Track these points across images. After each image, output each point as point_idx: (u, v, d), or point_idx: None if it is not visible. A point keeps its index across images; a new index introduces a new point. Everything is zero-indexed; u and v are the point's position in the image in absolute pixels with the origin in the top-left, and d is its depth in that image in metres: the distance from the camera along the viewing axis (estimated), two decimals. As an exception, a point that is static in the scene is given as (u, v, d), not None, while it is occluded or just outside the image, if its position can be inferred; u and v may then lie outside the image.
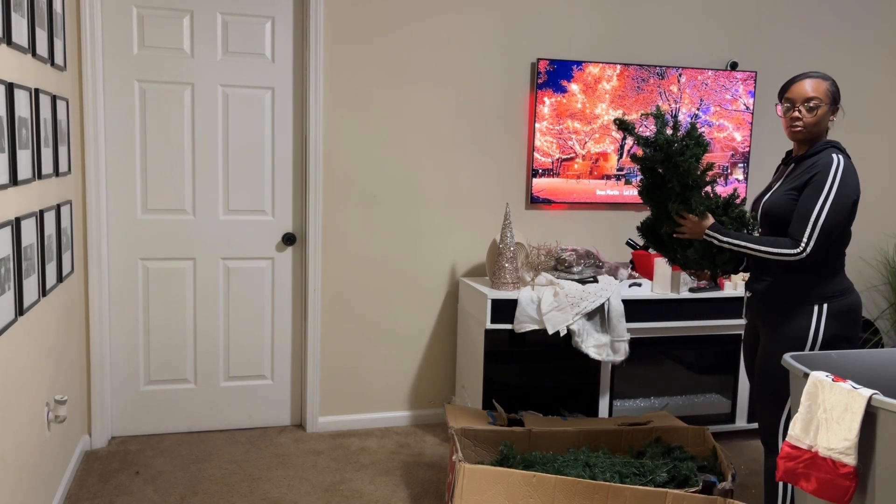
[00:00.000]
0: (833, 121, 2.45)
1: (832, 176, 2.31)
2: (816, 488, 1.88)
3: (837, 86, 2.47)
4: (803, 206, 2.33)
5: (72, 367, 3.16)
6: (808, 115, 2.42)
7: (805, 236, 2.30)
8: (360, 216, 3.67)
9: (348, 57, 3.55)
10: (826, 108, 2.42)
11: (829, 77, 2.46)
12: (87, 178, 3.29)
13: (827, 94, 2.42)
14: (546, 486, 2.48)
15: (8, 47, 2.18)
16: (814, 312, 2.36)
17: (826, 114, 2.43)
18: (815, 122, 2.42)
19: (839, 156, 2.35)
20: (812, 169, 2.36)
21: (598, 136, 3.87)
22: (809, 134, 2.44)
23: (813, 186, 2.33)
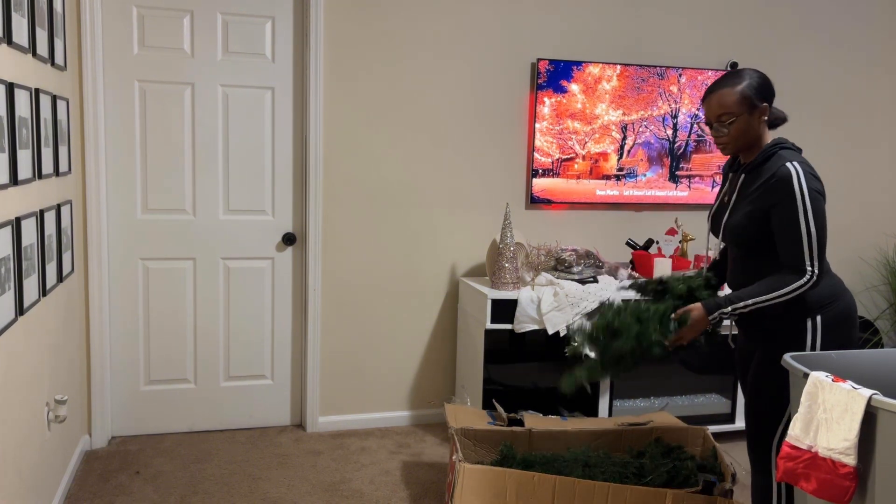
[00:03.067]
0: (765, 119, 2.24)
1: (798, 189, 2.13)
2: (816, 488, 1.88)
3: (757, 78, 2.22)
4: (788, 231, 2.15)
5: (72, 367, 3.16)
6: (726, 132, 2.24)
7: (807, 261, 2.14)
8: (360, 216, 3.67)
9: (348, 57, 3.55)
10: (744, 116, 2.21)
11: (743, 76, 2.22)
12: (87, 178, 3.29)
13: (738, 102, 2.20)
14: (546, 486, 2.48)
15: (8, 47, 2.18)
16: (808, 329, 2.22)
17: (748, 120, 2.22)
18: (739, 135, 2.23)
19: (793, 164, 2.16)
20: (771, 185, 2.17)
21: (598, 137, 3.87)
22: (741, 146, 2.28)
23: (785, 208, 2.14)
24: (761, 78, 2.25)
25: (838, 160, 4.37)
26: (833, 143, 4.34)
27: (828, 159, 4.35)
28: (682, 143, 4.00)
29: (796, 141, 4.44)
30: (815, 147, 4.32)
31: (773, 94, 2.28)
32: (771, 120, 2.31)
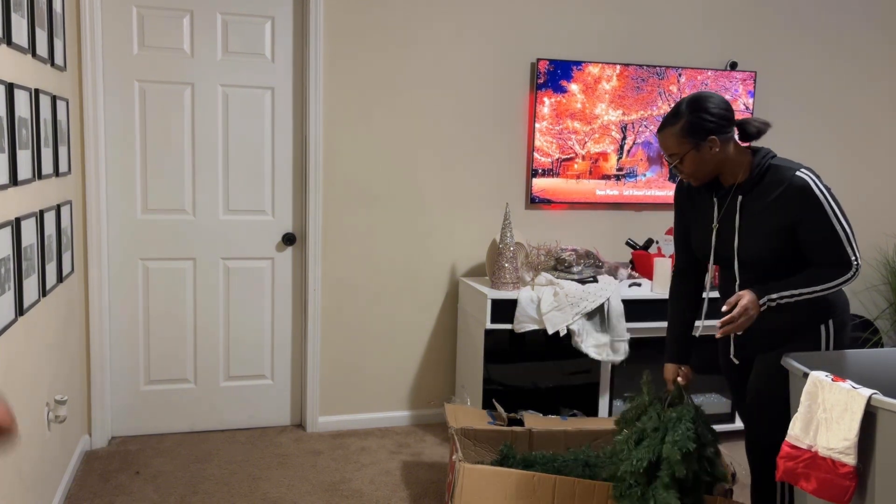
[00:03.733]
0: (718, 148, 2.15)
1: (821, 195, 2.11)
2: (816, 488, 1.88)
3: (697, 114, 2.13)
4: (825, 237, 2.11)
5: (72, 367, 3.16)
6: (679, 168, 2.21)
7: (852, 255, 2.12)
8: (360, 216, 3.67)
9: (348, 57, 3.55)
10: (690, 152, 2.15)
11: (680, 115, 2.15)
12: (87, 178, 3.29)
13: (682, 142, 2.15)
14: (546, 486, 2.48)
15: (8, 47, 2.18)
16: (822, 334, 2.23)
17: (697, 155, 2.16)
18: (695, 169, 2.18)
19: (802, 171, 2.14)
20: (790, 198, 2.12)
21: (597, 136, 3.87)
22: (703, 177, 2.22)
23: (817, 217, 2.10)
24: (705, 111, 2.15)
25: (838, 160, 4.37)
26: (833, 143, 4.34)
27: (828, 159, 4.35)
28: (681, 143, 3.99)
29: (797, 140, 4.46)
30: (815, 147, 4.33)
31: (723, 120, 2.16)
32: (745, 135, 2.22)
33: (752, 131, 2.21)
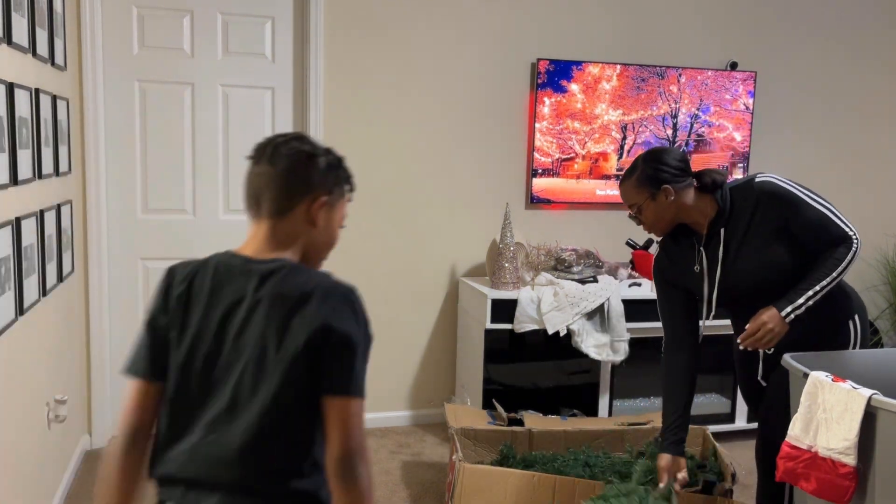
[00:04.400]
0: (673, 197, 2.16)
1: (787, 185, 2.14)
2: (816, 488, 1.88)
3: (651, 166, 2.17)
4: (813, 221, 2.12)
5: (72, 367, 3.16)
6: (640, 219, 2.25)
7: (847, 229, 2.12)
8: (360, 216, 3.67)
9: (348, 57, 3.55)
10: (648, 202, 2.19)
11: (636, 168, 2.21)
12: (87, 178, 3.29)
13: (639, 192, 2.19)
14: (546, 486, 2.48)
15: (8, 47, 2.18)
16: (851, 330, 2.25)
17: (654, 205, 2.19)
18: (658, 218, 2.21)
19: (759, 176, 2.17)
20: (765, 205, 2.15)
21: (597, 136, 3.87)
22: (662, 227, 2.24)
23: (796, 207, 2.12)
24: (658, 162, 2.19)
25: (838, 160, 4.37)
26: (833, 143, 4.34)
27: (827, 159, 4.35)
28: (681, 143, 3.99)
29: (796, 140, 4.46)
30: (815, 147, 4.33)
31: (677, 170, 2.19)
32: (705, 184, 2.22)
33: (707, 182, 2.22)
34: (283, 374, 1.22)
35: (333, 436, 1.22)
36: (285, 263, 1.31)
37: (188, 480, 1.26)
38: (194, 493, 1.25)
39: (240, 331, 1.27)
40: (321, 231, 1.38)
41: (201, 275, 1.32)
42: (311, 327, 1.23)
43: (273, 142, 1.36)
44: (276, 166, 1.33)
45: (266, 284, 1.27)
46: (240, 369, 1.25)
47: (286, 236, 1.34)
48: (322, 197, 1.35)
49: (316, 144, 1.38)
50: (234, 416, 1.24)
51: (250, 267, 1.30)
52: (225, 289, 1.29)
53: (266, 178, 1.33)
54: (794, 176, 4.49)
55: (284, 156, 1.34)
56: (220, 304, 1.29)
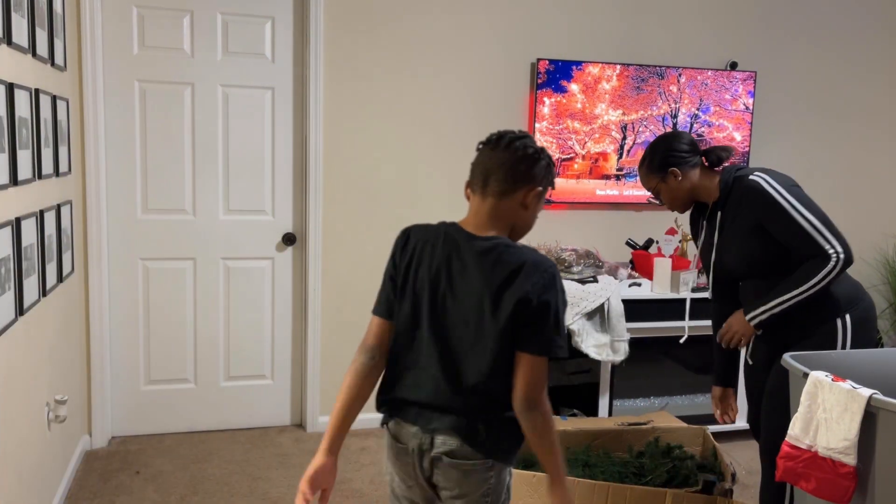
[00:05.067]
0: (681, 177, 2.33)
1: (773, 191, 2.20)
2: (816, 488, 1.88)
3: (653, 152, 2.36)
4: (791, 231, 2.18)
5: (72, 367, 3.16)
6: (660, 200, 2.43)
7: (827, 245, 2.15)
8: (360, 216, 3.67)
9: (348, 57, 3.55)
10: (665, 184, 2.36)
11: (645, 156, 2.38)
12: (87, 178, 3.29)
13: (654, 176, 2.36)
14: (545, 485, 2.48)
15: (8, 47, 2.18)
16: (839, 329, 2.25)
17: (667, 187, 2.36)
18: (673, 197, 2.39)
19: (755, 175, 2.25)
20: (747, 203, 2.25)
21: (597, 136, 3.87)
22: (680, 204, 2.42)
23: (775, 214, 2.19)
24: (661, 149, 2.36)
25: (838, 160, 4.37)
26: (833, 143, 4.34)
27: (827, 159, 4.35)
28: (681, 143, 3.99)
29: (796, 140, 4.46)
30: (815, 147, 4.33)
31: (680, 153, 2.35)
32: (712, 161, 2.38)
33: (713, 159, 2.39)
34: (499, 333, 1.56)
35: (521, 382, 1.56)
36: (501, 241, 1.62)
37: (421, 403, 1.62)
38: (428, 413, 1.61)
39: (463, 293, 1.60)
40: (529, 215, 1.70)
41: (432, 241, 1.66)
42: (517, 297, 1.54)
43: (508, 134, 1.66)
44: (509, 155, 1.63)
45: (486, 258, 1.59)
46: (462, 324, 1.60)
47: (503, 215, 1.65)
48: (537, 188, 1.66)
49: (539, 146, 1.68)
50: (462, 360, 1.59)
51: (473, 241, 1.61)
52: (451, 256, 1.62)
53: (497, 163, 1.64)
54: (795, 176, 4.47)
55: (517, 149, 1.64)
56: (445, 267, 1.62)
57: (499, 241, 1.61)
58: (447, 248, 1.63)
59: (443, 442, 1.60)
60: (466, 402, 1.59)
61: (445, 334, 1.61)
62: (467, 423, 1.59)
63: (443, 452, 1.60)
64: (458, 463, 1.60)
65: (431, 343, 1.62)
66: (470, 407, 1.59)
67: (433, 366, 1.61)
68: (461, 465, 1.60)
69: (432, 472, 1.64)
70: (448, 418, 1.60)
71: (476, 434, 1.59)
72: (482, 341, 1.58)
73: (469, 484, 1.61)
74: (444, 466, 1.61)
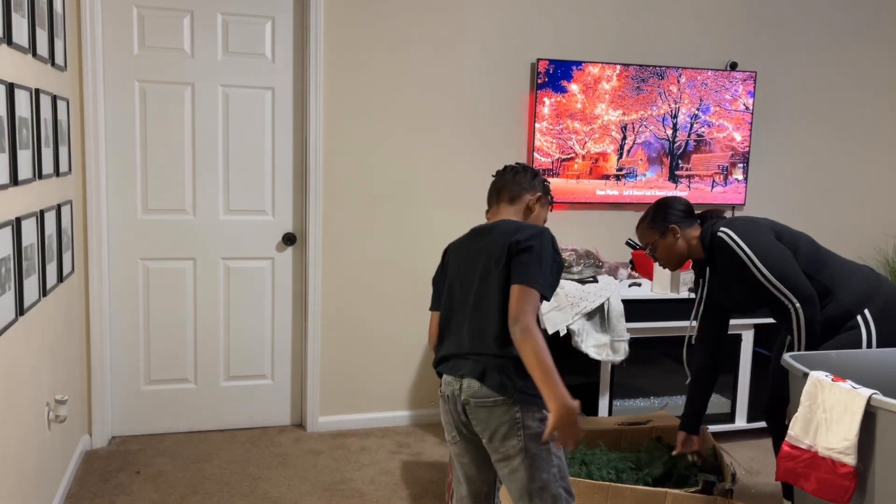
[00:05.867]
0: (679, 235, 2.52)
1: (737, 248, 2.39)
2: (816, 488, 1.88)
3: (657, 210, 2.55)
4: (761, 286, 2.38)
5: (72, 367, 3.16)
6: (655, 255, 2.59)
7: (785, 300, 2.35)
8: (360, 216, 3.67)
9: (348, 57, 3.55)
10: (661, 241, 2.54)
11: (647, 213, 2.57)
12: (87, 178, 3.29)
13: (651, 233, 2.55)
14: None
15: (8, 47, 2.18)
16: (860, 324, 2.38)
17: (665, 242, 2.54)
18: (669, 254, 2.56)
19: (720, 231, 2.42)
20: (724, 262, 2.44)
21: (597, 136, 3.87)
22: (674, 262, 2.58)
23: (739, 270, 2.39)
24: (665, 207, 2.56)
25: (838, 160, 4.37)
26: (833, 143, 4.34)
27: (827, 159, 4.35)
28: (681, 143, 4.00)
29: (797, 140, 4.45)
30: (815, 147, 4.33)
31: (681, 212, 2.55)
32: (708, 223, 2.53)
33: (706, 219, 2.58)
34: (501, 283, 1.90)
35: (511, 307, 1.84)
36: (508, 219, 2.06)
37: (455, 354, 1.98)
38: (455, 361, 1.97)
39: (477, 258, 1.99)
40: (535, 218, 2.13)
41: (460, 239, 2.11)
42: (508, 242, 1.91)
43: (509, 166, 2.19)
44: (511, 173, 2.15)
45: (496, 229, 2.01)
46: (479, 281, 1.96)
47: (513, 215, 2.10)
48: (537, 193, 2.13)
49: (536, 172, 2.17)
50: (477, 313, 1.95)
51: (489, 225, 2.06)
52: (472, 241, 2.06)
53: (505, 180, 2.14)
54: (795, 176, 4.47)
55: (516, 168, 2.16)
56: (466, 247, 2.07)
57: (507, 219, 2.05)
58: (469, 235, 2.08)
59: (468, 385, 1.91)
60: (482, 349, 1.91)
61: (466, 296, 1.98)
62: (483, 367, 1.89)
63: (469, 395, 1.90)
64: (481, 401, 1.89)
65: (459, 308, 2.00)
66: (484, 352, 1.90)
67: (460, 325, 1.98)
68: (484, 403, 1.89)
69: (468, 418, 1.94)
70: (469, 363, 1.92)
71: (488, 374, 1.88)
72: (491, 294, 1.92)
73: (496, 419, 1.88)
74: (472, 409, 1.92)
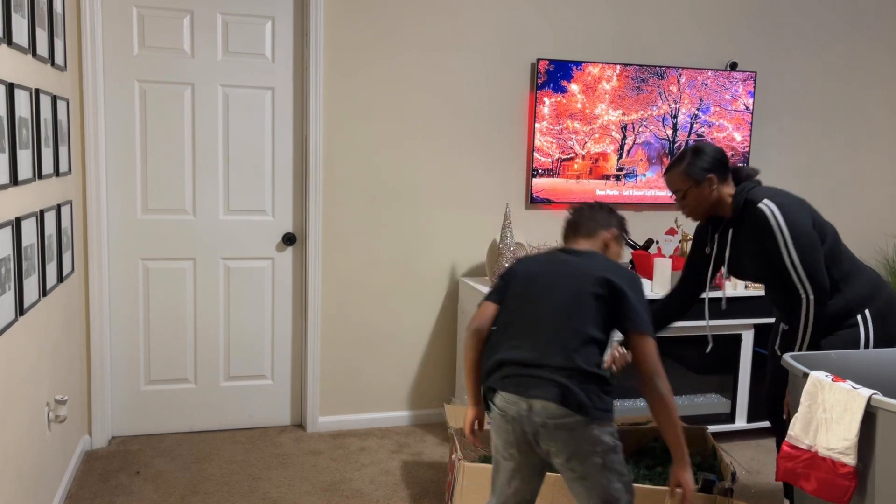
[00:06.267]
0: (715, 186, 2.44)
1: (776, 225, 2.34)
2: (816, 488, 1.88)
3: (700, 156, 2.44)
4: (781, 265, 2.36)
5: (72, 367, 3.16)
6: (683, 204, 2.51)
7: (799, 287, 2.34)
8: (360, 216, 3.67)
9: (348, 56, 3.55)
10: (692, 189, 2.45)
11: (685, 157, 2.46)
12: (87, 178, 3.29)
13: (684, 179, 2.45)
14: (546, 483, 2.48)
15: (8, 47, 2.18)
16: (859, 323, 2.39)
17: (698, 192, 2.45)
18: (696, 205, 2.48)
19: (764, 202, 2.37)
20: (755, 229, 2.39)
21: (597, 136, 3.87)
22: (701, 213, 2.52)
23: (771, 246, 2.36)
24: (705, 154, 2.46)
25: (838, 160, 4.37)
26: (833, 143, 4.34)
27: (827, 159, 4.35)
28: (681, 143, 4.00)
29: (797, 140, 4.45)
30: (815, 147, 4.33)
31: (719, 162, 2.47)
32: (737, 178, 2.50)
33: (742, 175, 2.52)
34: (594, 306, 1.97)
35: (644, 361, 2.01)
36: (597, 252, 2.14)
37: (520, 363, 1.95)
38: (523, 378, 1.92)
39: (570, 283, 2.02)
40: (611, 255, 2.19)
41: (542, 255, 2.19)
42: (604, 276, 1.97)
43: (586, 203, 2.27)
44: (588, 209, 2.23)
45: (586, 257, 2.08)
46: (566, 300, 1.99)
47: None
48: (613, 230, 2.20)
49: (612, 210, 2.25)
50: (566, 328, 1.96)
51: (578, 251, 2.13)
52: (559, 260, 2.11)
53: (582, 217, 2.22)
54: (795, 176, 4.48)
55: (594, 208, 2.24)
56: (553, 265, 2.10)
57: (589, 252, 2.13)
58: (554, 253, 2.16)
59: (543, 407, 1.87)
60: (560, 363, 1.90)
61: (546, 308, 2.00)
62: (562, 386, 1.87)
63: (546, 417, 1.86)
64: (560, 422, 1.86)
65: (533, 317, 2.00)
66: (563, 366, 1.90)
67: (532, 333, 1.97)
68: (564, 424, 1.86)
69: (536, 439, 1.91)
70: (542, 382, 1.89)
71: (569, 394, 1.86)
72: (581, 316, 1.96)
73: (575, 440, 1.87)
74: (549, 431, 1.88)
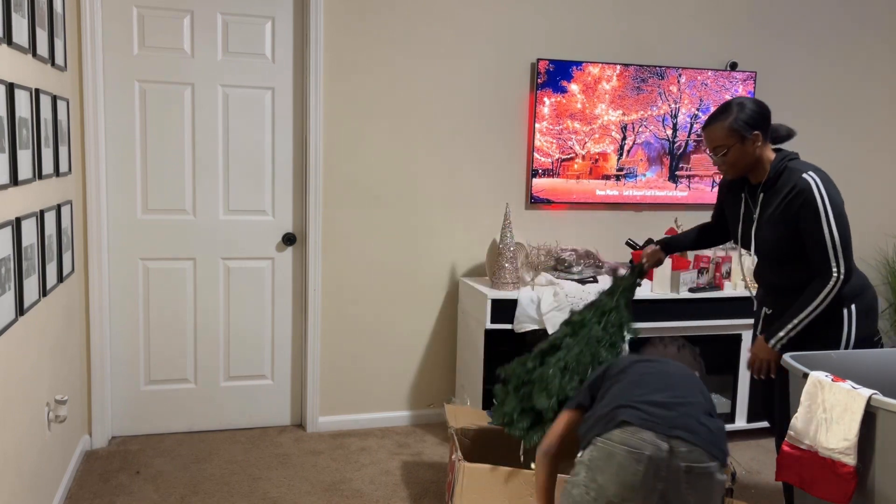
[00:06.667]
0: (758, 145, 2.40)
1: (819, 198, 2.31)
2: (816, 488, 1.88)
3: (746, 110, 2.38)
4: (815, 238, 2.32)
5: (72, 367, 3.16)
6: (723, 160, 2.44)
7: (833, 264, 2.30)
8: (360, 216, 3.67)
9: (348, 56, 3.55)
10: (736, 146, 2.39)
11: (731, 110, 2.39)
12: (87, 178, 3.29)
13: (728, 135, 2.38)
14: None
15: (8, 47, 2.18)
16: (844, 317, 2.38)
17: (741, 149, 2.39)
18: (735, 162, 2.42)
19: (809, 174, 2.35)
20: (793, 197, 2.35)
21: (597, 137, 3.87)
22: (739, 172, 2.46)
23: (810, 217, 2.32)
24: (750, 109, 2.40)
25: (838, 160, 4.36)
26: (833, 143, 4.34)
27: (827, 159, 4.34)
28: (681, 143, 4.00)
29: (796, 140, 4.44)
30: (815, 147, 4.32)
31: (765, 119, 2.42)
32: (774, 138, 2.47)
33: (782, 133, 2.50)
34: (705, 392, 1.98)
35: None
36: None
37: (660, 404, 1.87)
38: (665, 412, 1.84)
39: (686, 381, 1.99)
40: None
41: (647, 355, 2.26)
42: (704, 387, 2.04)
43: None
44: None
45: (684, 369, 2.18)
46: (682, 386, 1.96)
47: None
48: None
49: None
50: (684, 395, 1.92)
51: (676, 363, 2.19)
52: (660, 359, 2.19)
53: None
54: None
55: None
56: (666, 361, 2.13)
57: None
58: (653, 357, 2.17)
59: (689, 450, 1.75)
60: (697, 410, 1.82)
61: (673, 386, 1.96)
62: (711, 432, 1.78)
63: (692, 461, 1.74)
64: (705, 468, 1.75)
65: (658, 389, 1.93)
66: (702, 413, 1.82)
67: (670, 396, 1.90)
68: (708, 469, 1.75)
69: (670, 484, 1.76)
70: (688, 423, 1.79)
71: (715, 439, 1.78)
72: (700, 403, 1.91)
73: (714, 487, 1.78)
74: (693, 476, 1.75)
